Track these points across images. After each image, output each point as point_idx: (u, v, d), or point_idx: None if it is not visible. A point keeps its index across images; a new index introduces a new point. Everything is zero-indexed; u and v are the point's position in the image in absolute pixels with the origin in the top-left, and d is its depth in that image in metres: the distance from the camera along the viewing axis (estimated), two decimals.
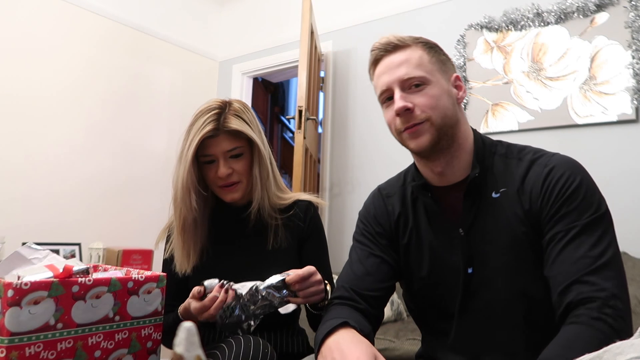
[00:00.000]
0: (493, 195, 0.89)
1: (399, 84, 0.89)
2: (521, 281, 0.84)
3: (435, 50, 0.93)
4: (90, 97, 2.97)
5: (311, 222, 1.21)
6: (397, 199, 1.01)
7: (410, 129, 0.89)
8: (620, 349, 0.49)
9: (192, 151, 1.08)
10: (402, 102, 0.88)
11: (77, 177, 2.88)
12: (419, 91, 0.88)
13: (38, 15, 2.73)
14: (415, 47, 0.91)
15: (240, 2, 3.84)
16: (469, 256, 0.89)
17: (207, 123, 1.09)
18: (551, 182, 0.84)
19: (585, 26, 2.24)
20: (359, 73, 3.05)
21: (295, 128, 2.59)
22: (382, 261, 0.97)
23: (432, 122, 0.88)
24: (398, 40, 0.91)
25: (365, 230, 1.02)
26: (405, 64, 0.89)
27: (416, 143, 0.89)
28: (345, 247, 2.86)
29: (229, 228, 1.21)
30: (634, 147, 2.07)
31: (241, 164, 1.14)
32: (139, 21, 3.29)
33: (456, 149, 0.91)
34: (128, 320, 0.87)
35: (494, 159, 0.92)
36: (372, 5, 3.04)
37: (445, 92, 0.90)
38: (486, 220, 0.88)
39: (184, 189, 1.11)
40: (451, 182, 0.93)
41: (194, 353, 0.43)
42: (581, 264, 0.76)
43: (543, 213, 0.83)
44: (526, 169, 0.88)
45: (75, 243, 2.81)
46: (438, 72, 0.91)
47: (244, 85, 3.78)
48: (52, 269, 0.87)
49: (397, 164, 2.72)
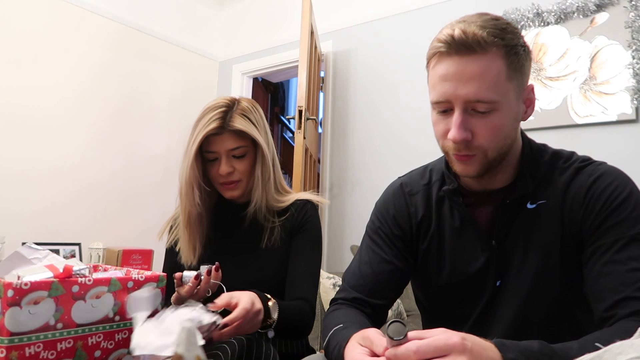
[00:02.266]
0: (529, 206, 0.82)
1: (464, 104, 0.73)
2: (543, 300, 0.80)
3: (516, 52, 0.74)
4: (91, 98, 2.97)
5: (304, 217, 1.19)
6: (420, 199, 0.92)
7: (460, 155, 0.78)
8: (620, 349, 0.49)
9: (196, 147, 1.09)
10: (462, 132, 0.73)
11: (78, 178, 2.88)
12: (484, 117, 0.74)
13: (40, 18, 2.73)
14: (496, 51, 0.72)
15: (240, 2, 3.84)
16: (500, 268, 0.83)
17: (213, 120, 1.09)
18: (596, 192, 0.76)
19: (585, 26, 2.24)
20: (359, 73, 3.05)
21: (295, 128, 2.59)
22: (394, 269, 0.91)
23: (487, 155, 0.76)
24: (474, 41, 0.71)
25: (381, 230, 0.94)
26: (477, 80, 0.71)
27: (463, 169, 0.79)
28: (345, 247, 2.86)
29: (227, 223, 1.22)
30: (634, 147, 2.07)
31: (244, 163, 1.14)
32: (139, 21, 3.29)
33: (504, 164, 0.81)
34: (128, 320, 0.87)
35: (538, 167, 0.84)
36: (372, 5, 3.04)
37: (513, 115, 0.76)
38: (519, 232, 0.82)
39: (187, 184, 1.12)
40: (487, 189, 0.85)
41: (194, 353, 0.43)
42: (630, 278, 0.68)
43: (586, 224, 0.76)
44: (570, 178, 0.80)
45: (75, 243, 2.81)
46: (513, 90, 0.75)
47: (244, 85, 3.78)
48: (52, 269, 0.87)
49: (397, 163, 2.73)
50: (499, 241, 0.83)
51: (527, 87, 0.79)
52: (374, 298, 0.89)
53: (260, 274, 1.15)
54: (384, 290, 0.90)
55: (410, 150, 2.72)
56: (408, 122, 2.76)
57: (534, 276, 0.80)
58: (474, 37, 0.71)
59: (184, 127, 3.53)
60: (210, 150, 1.12)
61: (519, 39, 0.76)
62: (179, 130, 3.50)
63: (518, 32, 0.77)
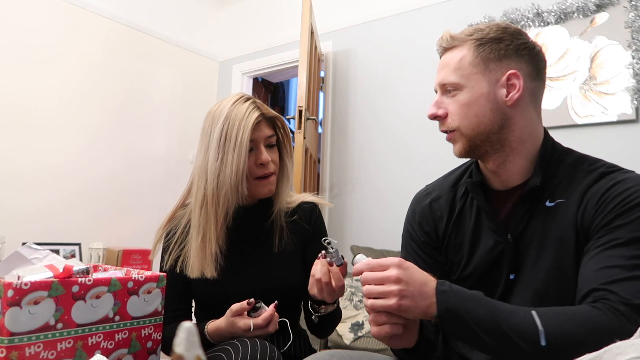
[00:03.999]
0: (547, 204, 0.85)
1: (440, 88, 0.89)
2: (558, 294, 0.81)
3: (490, 45, 0.86)
4: (91, 98, 2.97)
5: (315, 224, 1.19)
6: (445, 202, 0.97)
7: (447, 134, 0.89)
8: (620, 349, 0.49)
9: (247, 135, 1.03)
10: (433, 108, 0.89)
11: (78, 178, 2.88)
12: (452, 97, 0.87)
13: (40, 18, 2.73)
14: (463, 45, 0.87)
15: (240, 2, 3.84)
16: (513, 262, 0.86)
17: (252, 110, 1.06)
18: (612, 194, 0.78)
19: (585, 26, 2.24)
20: (359, 73, 3.05)
21: (295, 128, 2.59)
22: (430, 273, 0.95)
23: (462, 132, 0.86)
24: (446, 41, 0.89)
25: (412, 239, 1.00)
26: (445, 68, 0.88)
27: (453, 149, 0.90)
28: (345, 247, 2.86)
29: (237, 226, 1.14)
30: (634, 147, 2.07)
31: (276, 154, 1.12)
32: (139, 21, 3.29)
33: (508, 153, 0.87)
34: (128, 320, 0.87)
35: (559, 168, 0.86)
36: (372, 5, 3.04)
37: (482, 96, 0.85)
38: (536, 228, 0.85)
39: (238, 176, 1.03)
40: (508, 185, 0.89)
41: (194, 353, 0.43)
42: (606, 273, 0.71)
43: (594, 223, 0.78)
44: (593, 181, 0.82)
45: (75, 243, 2.81)
46: (479, 74, 0.85)
47: (244, 85, 3.78)
48: (52, 269, 0.87)
49: (397, 163, 2.73)
50: (515, 235, 0.86)
51: (508, 73, 0.85)
52: None
53: (275, 277, 1.13)
54: None
55: (410, 150, 2.71)
56: (408, 122, 2.76)
57: (548, 272, 0.82)
58: (446, 38, 0.90)
59: (184, 127, 3.57)
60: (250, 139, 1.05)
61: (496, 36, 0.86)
62: (179, 130, 3.50)
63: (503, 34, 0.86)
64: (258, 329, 0.96)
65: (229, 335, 1.00)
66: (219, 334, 1.02)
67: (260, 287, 1.10)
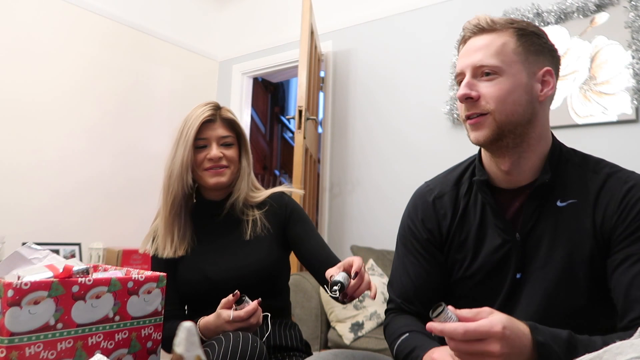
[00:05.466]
0: (558, 204, 0.85)
1: (472, 70, 0.85)
2: (568, 294, 0.82)
3: (530, 38, 0.86)
4: (91, 98, 2.97)
5: (287, 206, 1.28)
6: (448, 200, 0.96)
7: (471, 119, 0.85)
8: (620, 349, 0.49)
9: (193, 132, 1.19)
10: (466, 89, 0.84)
11: (77, 177, 2.88)
12: (489, 80, 0.84)
13: (38, 17, 2.73)
14: (505, 31, 0.85)
15: (240, 2, 3.84)
16: (521, 262, 0.86)
17: (206, 110, 1.23)
18: (631, 200, 0.79)
19: (585, 26, 2.24)
20: (359, 73, 3.05)
21: (295, 128, 2.59)
22: (430, 272, 0.95)
23: (494, 117, 0.83)
24: (487, 23, 0.86)
25: (413, 237, 0.98)
26: (483, 50, 0.85)
27: (474, 135, 0.86)
28: (345, 247, 2.86)
29: (206, 221, 1.28)
30: (634, 147, 2.07)
31: (231, 151, 1.24)
32: (139, 21, 3.29)
33: (525, 149, 0.86)
34: (128, 320, 0.87)
35: (568, 167, 0.87)
36: (372, 5, 3.04)
37: (521, 86, 0.84)
38: (546, 228, 0.84)
39: (184, 167, 1.19)
40: (517, 184, 0.88)
41: (194, 353, 0.43)
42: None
43: (617, 231, 0.79)
44: (602, 182, 0.83)
45: (75, 243, 2.81)
46: (520, 63, 0.84)
47: (244, 85, 3.78)
48: (52, 269, 0.87)
49: (397, 163, 2.73)
50: (523, 235, 0.86)
51: (544, 69, 0.86)
52: (420, 302, 0.95)
53: (250, 259, 1.20)
54: (426, 291, 0.96)
55: (410, 149, 2.71)
56: (408, 121, 2.76)
57: (559, 272, 0.82)
58: (485, 20, 0.87)
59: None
60: (202, 137, 1.22)
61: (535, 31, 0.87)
62: None
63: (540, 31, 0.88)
64: (240, 322, 1.00)
65: (214, 328, 1.05)
66: (208, 328, 1.07)
67: (236, 269, 1.18)
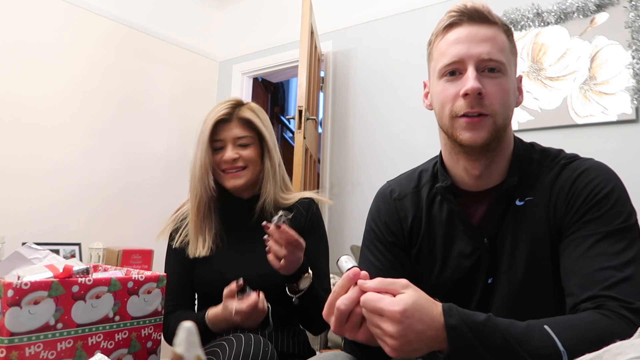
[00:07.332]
0: (517, 203, 0.82)
1: (476, 62, 0.77)
2: (535, 295, 0.80)
3: (512, 38, 0.82)
4: (91, 98, 2.97)
5: (312, 218, 1.24)
6: (409, 203, 0.92)
7: (470, 117, 0.77)
8: (620, 349, 0.49)
9: (208, 132, 1.18)
10: (477, 82, 0.75)
11: (78, 178, 2.88)
12: (493, 78, 0.78)
13: (39, 18, 2.73)
14: (500, 28, 0.80)
15: (240, 2, 3.84)
16: (491, 266, 0.83)
17: (222, 109, 1.20)
18: (579, 186, 0.77)
19: (585, 26, 2.24)
20: (359, 73, 3.05)
21: (295, 128, 2.59)
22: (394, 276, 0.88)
23: (495, 120, 0.78)
24: (486, 11, 0.80)
25: (377, 239, 0.93)
26: (490, 42, 0.77)
27: (471, 136, 0.78)
28: (345, 247, 2.86)
29: (236, 219, 1.24)
30: (634, 147, 2.07)
31: (248, 151, 1.20)
32: (139, 21, 3.29)
33: (498, 152, 0.82)
34: (128, 320, 0.87)
35: (529, 165, 0.85)
36: (372, 5, 3.04)
37: (513, 89, 0.81)
38: (507, 229, 0.82)
39: (202, 169, 1.17)
40: (483, 187, 0.85)
41: (194, 353, 0.43)
42: (600, 277, 0.69)
43: (566, 218, 0.77)
44: (556, 175, 0.81)
45: (75, 243, 2.81)
46: (513, 65, 0.81)
47: (244, 85, 3.78)
48: (52, 269, 0.87)
49: (397, 163, 2.73)
50: (491, 239, 0.84)
51: (519, 75, 0.85)
52: None
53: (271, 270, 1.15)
54: None
55: (410, 150, 2.72)
56: (408, 121, 2.76)
57: (524, 273, 0.80)
58: (485, 9, 0.80)
59: (184, 127, 3.57)
60: (218, 139, 1.19)
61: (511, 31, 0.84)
62: (179, 130, 3.50)
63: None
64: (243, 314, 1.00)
65: (223, 319, 1.05)
66: (217, 319, 1.07)
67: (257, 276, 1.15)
